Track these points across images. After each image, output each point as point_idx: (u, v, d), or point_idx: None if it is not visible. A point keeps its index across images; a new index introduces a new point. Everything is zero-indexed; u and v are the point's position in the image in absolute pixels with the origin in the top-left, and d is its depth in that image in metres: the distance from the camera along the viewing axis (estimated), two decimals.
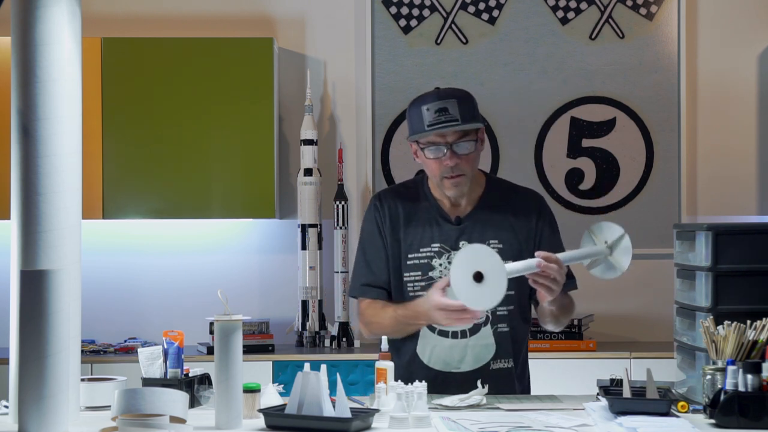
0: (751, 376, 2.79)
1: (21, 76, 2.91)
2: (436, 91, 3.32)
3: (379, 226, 3.40)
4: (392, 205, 3.41)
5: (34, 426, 2.63)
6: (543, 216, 3.42)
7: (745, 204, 5.40)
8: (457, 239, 3.35)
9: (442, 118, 3.24)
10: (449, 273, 3.10)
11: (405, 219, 3.38)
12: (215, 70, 5.14)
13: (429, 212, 3.38)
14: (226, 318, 2.84)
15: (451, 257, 3.31)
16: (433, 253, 3.35)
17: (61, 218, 2.90)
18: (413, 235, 3.36)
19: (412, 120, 3.31)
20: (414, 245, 3.36)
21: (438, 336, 3.34)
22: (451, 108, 3.25)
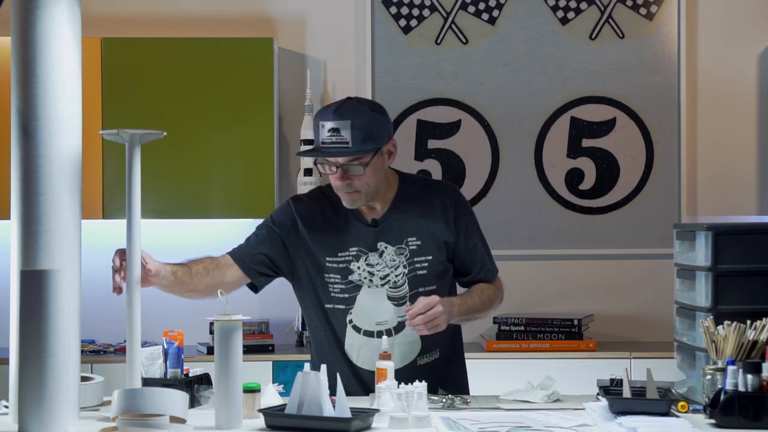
0: (751, 376, 2.79)
1: (21, 76, 2.91)
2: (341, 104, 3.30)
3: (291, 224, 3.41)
4: (308, 210, 3.43)
5: (34, 426, 2.63)
6: (459, 211, 3.45)
7: (745, 204, 5.40)
8: (374, 241, 3.38)
9: (333, 139, 3.25)
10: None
11: (321, 224, 3.40)
12: (215, 70, 5.14)
13: (345, 216, 3.40)
14: (226, 318, 2.85)
15: (369, 259, 3.36)
16: (351, 256, 3.37)
17: (61, 218, 2.90)
18: (330, 239, 3.39)
19: (315, 131, 3.32)
20: (332, 249, 3.38)
21: (364, 337, 3.38)
22: (344, 130, 3.24)
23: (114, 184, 5.07)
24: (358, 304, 3.38)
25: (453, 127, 5.39)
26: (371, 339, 3.38)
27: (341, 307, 3.40)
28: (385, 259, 3.37)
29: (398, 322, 3.37)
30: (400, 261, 3.37)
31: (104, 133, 3.02)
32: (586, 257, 5.39)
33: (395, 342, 3.37)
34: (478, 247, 3.48)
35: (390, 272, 3.36)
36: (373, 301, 3.37)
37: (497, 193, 5.38)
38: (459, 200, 3.48)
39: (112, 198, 5.08)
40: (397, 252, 3.37)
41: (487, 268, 3.50)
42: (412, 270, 3.37)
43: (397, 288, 3.37)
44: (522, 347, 5.01)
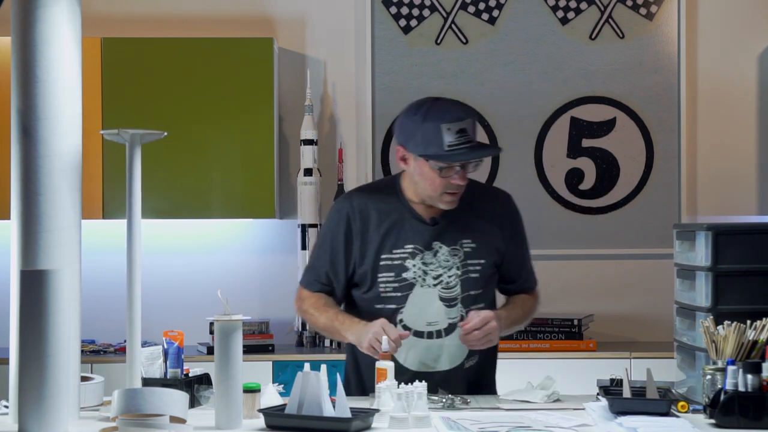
0: (751, 376, 2.79)
1: (21, 76, 2.91)
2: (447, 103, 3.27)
3: (348, 225, 3.38)
4: (363, 206, 3.38)
5: (34, 426, 2.63)
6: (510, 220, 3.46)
7: (745, 204, 5.40)
8: (431, 240, 3.35)
9: (462, 140, 3.20)
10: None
11: (377, 219, 3.36)
12: (215, 70, 5.14)
13: (402, 213, 3.36)
14: (226, 318, 2.84)
15: (425, 257, 3.33)
16: (406, 254, 3.34)
17: (61, 218, 2.90)
18: (386, 237, 3.35)
19: (426, 137, 3.22)
20: (387, 246, 3.35)
21: (413, 337, 3.35)
22: (470, 129, 3.22)
23: (114, 184, 5.07)
24: (409, 303, 3.34)
25: None
26: (420, 339, 3.35)
27: (391, 306, 3.35)
28: (439, 259, 3.34)
29: (449, 324, 3.34)
30: (453, 262, 3.34)
31: (105, 132, 3.02)
32: (586, 257, 5.40)
33: (444, 344, 3.35)
34: (526, 257, 3.50)
35: (443, 273, 3.33)
36: (425, 300, 3.34)
37: None
38: (514, 208, 3.48)
39: (112, 198, 5.08)
40: (452, 253, 3.34)
41: (531, 279, 3.53)
42: (465, 272, 3.34)
43: (450, 289, 3.34)
44: (522, 347, 5.01)
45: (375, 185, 3.52)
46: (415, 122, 3.25)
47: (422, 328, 3.35)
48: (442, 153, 3.21)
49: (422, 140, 3.23)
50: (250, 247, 5.41)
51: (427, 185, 3.29)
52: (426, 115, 3.23)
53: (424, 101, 3.30)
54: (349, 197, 3.43)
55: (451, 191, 3.28)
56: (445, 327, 3.35)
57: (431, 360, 3.36)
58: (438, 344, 3.34)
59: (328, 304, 3.41)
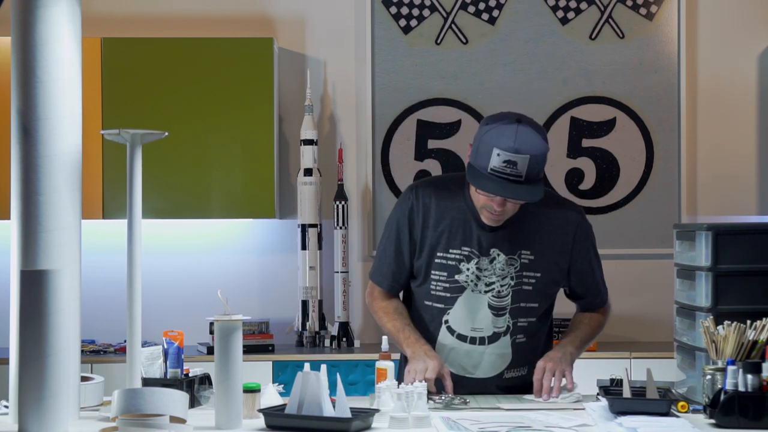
0: (751, 376, 2.79)
1: (21, 76, 2.91)
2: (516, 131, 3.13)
3: (411, 219, 3.34)
4: (427, 199, 3.33)
5: (34, 426, 2.63)
6: (580, 234, 3.37)
7: (745, 204, 5.40)
8: (489, 246, 3.28)
9: (507, 170, 3.10)
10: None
11: (437, 216, 3.31)
12: (215, 70, 5.14)
13: (464, 214, 3.30)
14: (226, 318, 2.84)
15: (480, 263, 3.28)
16: (462, 256, 3.29)
17: (61, 218, 2.90)
18: (444, 234, 3.30)
19: (480, 151, 3.15)
20: (443, 244, 3.30)
21: (456, 340, 3.32)
22: (521, 164, 3.10)
23: (114, 184, 5.07)
24: (457, 306, 3.31)
25: (453, 127, 5.39)
26: (463, 343, 3.32)
27: (439, 306, 3.33)
28: (495, 267, 3.28)
29: (493, 332, 3.31)
30: (509, 272, 3.29)
31: (105, 133, 3.01)
32: None
33: (486, 351, 3.33)
34: (594, 273, 3.43)
35: (497, 281, 3.29)
36: (474, 306, 3.30)
37: None
38: (582, 224, 3.38)
39: (112, 198, 5.08)
40: (508, 262, 3.28)
41: (600, 296, 3.48)
42: (519, 283, 3.29)
43: (501, 298, 3.30)
44: None
45: (444, 179, 3.45)
46: (483, 131, 3.19)
47: (467, 332, 3.32)
48: (478, 174, 3.15)
49: (476, 151, 3.17)
50: (250, 247, 5.41)
51: (474, 196, 3.26)
52: (491, 130, 3.16)
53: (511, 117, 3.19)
54: (416, 188, 3.37)
55: (490, 211, 3.21)
56: (489, 335, 3.32)
57: (471, 366, 3.34)
58: (480, 351, 3.32)
59: (398, 311, 3.39)
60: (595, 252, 3.44)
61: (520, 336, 3.34)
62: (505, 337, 3.32)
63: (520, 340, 3.34)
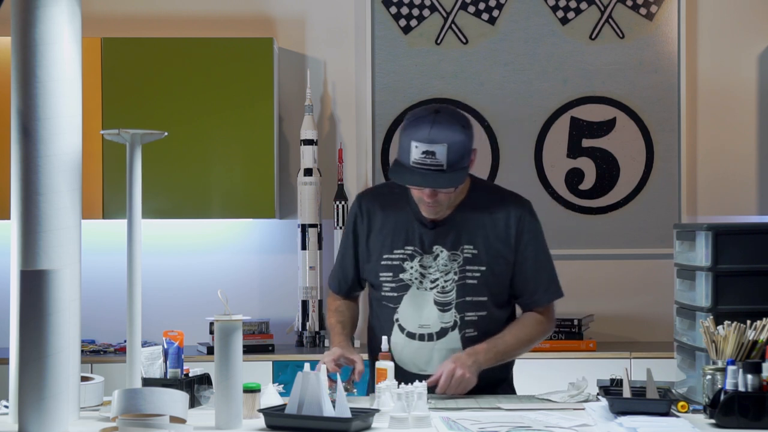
0: (751, 376, 2.79)
1: (21, 76, 2.91)
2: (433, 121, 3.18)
3: (355, 226, 3.44)
4: (371, 207, 3.43)
5: (34, 426, 2.63)
6: (524, 226, 3.38)
7: (745, 204, 5.40)
8: (431, 244, 3.34)
9: (427, 161, 3.16)
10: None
11: (382, 221, 3.40)
12: (215, 70, 5.14)
13: (407, 215, 3.37)
14: (226, 318, 2.84)
15: (423, 260, 3.34)
16: (406, 255, 3.36)
17: (61, 218, 2.90)
18: (388, 237, 3.38)
19: (402, 147, 3.23)
20: (388, 247, 3.38)
21: (406, 337, 3.37)
22: (440, 154, 3.16)
23: (114, 184, 5.07)
24: (404, 304, 3.36)
25: None
26: (413, 341, 3.36)
27: (390, 305, 3.39)
28: (438, 263, 3.33)
29: (441, 328, 3.34)
30: (452, 267, 3.33)
31: (105, 133, 3.02)
32: (586, 257, 5.39)
33: (435, 348, 3.35)
34: (538, 270, 3.40)
35: (440, 276, 3.33)
36: (420, 303, 3.35)
37: None
38: (526, 217, 3.38)
39: (112, 198, 5.08)
40: (451, 258, 3.33)
41: (537, 296, 3.42)
42: (462, 278, 3.33)
43: (445, 293, 3.33)
44: None
45: (389, 185, 3.50)
46: (403, 127, 3.27)
47: (415, 329, 3.37)
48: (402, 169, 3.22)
49: (400, 148, 3.26)
50: (250, 247, 5.41)
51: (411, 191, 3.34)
52: (408, 125, 3.23)
53: (429, 110, 3.24)
54: (360, 198, 3.49)
55: (425, 202, 3.27)
56: (437, 331, 3.35)
57: (423, 362, 3.36)
58: (429, 347, 3.35)
59: (338, 309, 3.55)
60: (539, 248, 3.40)
61: (470, 330, 3.35)
62: (453, 332, 3.35)
63: (470, 335, 3.35)
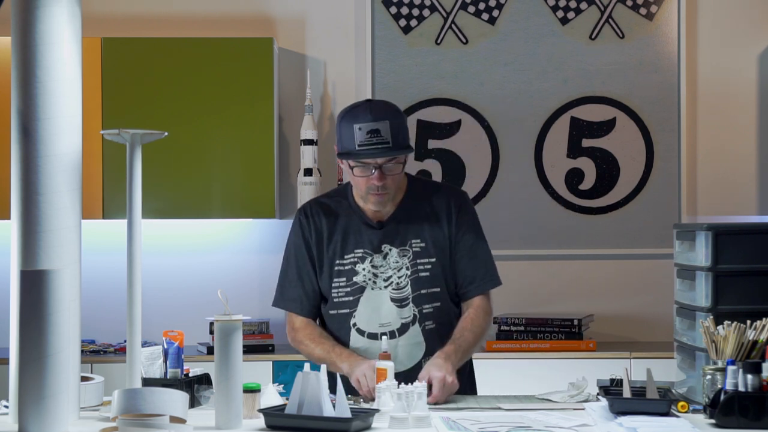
0: (751, 376, 2.79)
1: (21, 76, 2.91)
2: (369, 106, 3.32)
3: (306, 239, 3.45)
4: (316, 218, 3.45)
5: (34, 426, 2.63)
6: (461, 214, 3.43)
7: (745, 204, 5.40)
8: (379, 243, 3.39)
9: (373, 140, 3.26)
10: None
11: (329, 230, 3.43)
12: (215, 70, 5.14)
13: (352, 219, 3.42)
14: (226, 318, 2.84)
15: (374, 260, 3.37)
16: (356, 258, 3.39)
17: (61, 218, 2.90)
18: (338, 244, 3.41)
19: (343, 136, 3.31)
20: (339, 253, 3.41)
21: (368, 339, 3.39)
22: (383, 130, 3.26)
23: (114, 184, 5.07)
24: (361, 306, 3.40)
25: (453, 127, 5.39)
26: (375, 341, 3.38)
27: (345, 311, 3.41)
28: (389, 261, 3.39)
29: (401, 324, 3.38)
30: (403, 263, 3.38)
31: (105, 133, 3.02)
32: (586, 257, 5.39)
33: (399, 344, 3.38)
34: (469, 257, 3.42)
35: (393, 274, 3.38)
36: (376, 303, 3.39)
37: (497, 193, 5.38)
38: (463, 205, 3.46)
39: (112, 198, 5.08)
40: (401, 254, 3.39)
41: (475, 284, 3.43)
42: (415, 272, 3.39)
43: (400, 289, 3.38)
44: (522, 347, 5.01)
45: (327, 194, 3.57)
46: (338, 124, 3.35)
47: (375, 330, 3.40)
48: (348, 155, 3.28)
49: (340, 140, 3.33)
50: (250, 247, 5.40)
51: (355, 186, 3.39)
52: (344, 116, 3.33)
53: (355, 104, 3.37)
54: (302, 210, 3.50)
55: (374, 192, 3.32)
56: (398, 327, 3.39)
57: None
58: (393, 344, 3.37)
59: (323, 335, 3.45)
60: (473, 233, 3.43)
61: (429, 323, 3.40)
62: (414, 326, 3.39)
63: (429, 327, 3.40)
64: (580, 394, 3.17)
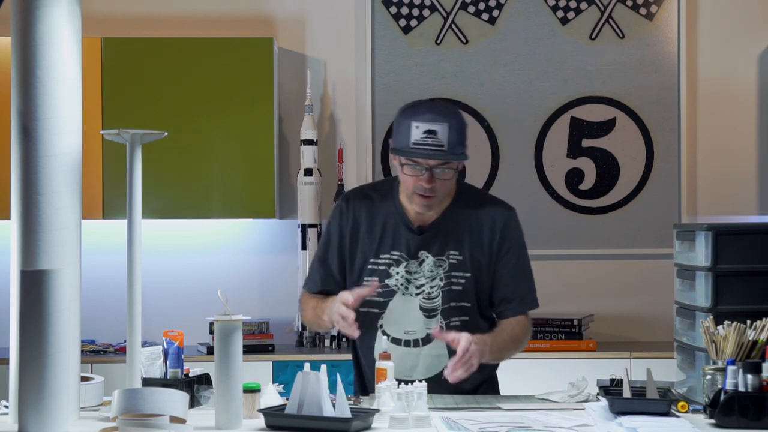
0: (751, 376, 2.79)
1: (21, 76, 2.91)
2: (431, 105, 3.23)
3: (341, 228, 3.38)
4: (357, 208, 3.37)
5: (34, 426, 2.63)
6: (506, 232, 3.34)
7: (745, 204, 5.40)
8: (417, 249, 3.31)
9: (428, 141, 3.16)
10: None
11: (367, 224, 3.35)
12: (215, 70, 5.14)
13: (394, 218, 3.34)
14: (226, 318, 2.84)
15: (409, 266, 3.31)
16: (392, 260, 3.32)
17: (61, 218, 2.90)
18: (375, 241, 3.34)
19: (400, 132, 3.22)
20: (374, 251, 3.34)
21: (391, 344, 3.33)
22: (441, 132, 3.16)
23: (114, 184, 5.07)
24: (389, 310, 3.33)
25: None
26: (398, 347, 3.32)
27: (374, 310, 3.34)
28: (424, 269, 3.30)
29: (426, 334, 3.31)
30: (437, 273, 3.30)
31: (105, 133, 3.02)
32: (586, 257, 5.40)
33: (421, 354, 3.33)
34: (516, 278, 3.34)
35: (426, 283, 3.30)
36: (405, 309, 3.32)
37: (497, 193, 5.35)
38: (509, 224, 3.35)
39: (112, 198, 5.08)
40: (437, 263, 3.30)
41: (513, 304, 3.35)
42: (448, 284, 3.30)
43: (431, 300, 3.30)
44: None
45: (374, 186, 3.49)
46: (397, 119, 3.27)
47: (400, 335, 3.34)
48: (401, 152, 3.21)
49: (396, 135, 3.25)
50: (250, 247, 5.41)
51: (403, 184, 3.29)
52: (404, 111, 3.25)
53: (417, 101, 3.30)
54: (346, 198, 3.43)
55: (420, 193, 3.23)
56: (422, 337, 3.33)
57: (407, 369, 3.32)
58: (415, 353, 3.33)
59: (315, 298, 3.40)
60: (517, 255, 3.36)
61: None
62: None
63: None
64: (580, 394, 3.17)
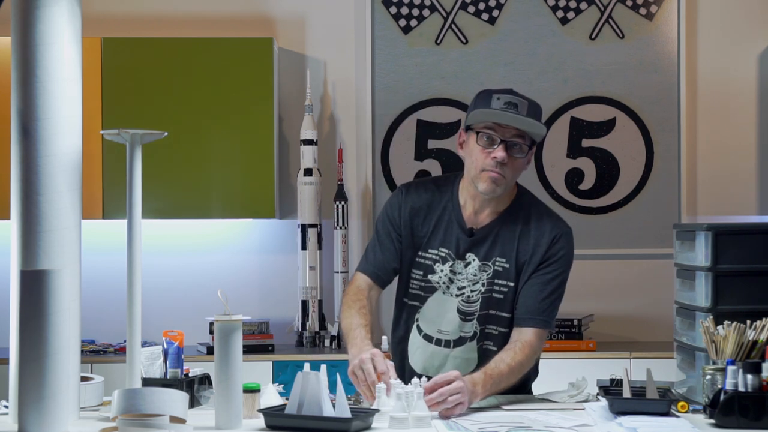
0: (751, 376, 2.79)
1: (21, 76, 2.90)
2: (510, 89, 3.27)
3: (398, 215, 3.33)
4: (416, 199, 3.33)
5: (34, 426, 2.63)
6: (555, 249, 3.25)
7: (745, 204, 5.40)
8: (465, 250, 3.27)
9: (509, 110, 3.16)
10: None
11: (424, 215, 3.31)
12: (215, 70, 5.14)
13: (449, 214, 3.30)
14: (226, 318, 2.84)
15: (455, 266, 3.27)
16: (438, 257, 3.29)
17: (61, 218, 2.90)
18: (426, 234, 3.30)
19: (477, 104, 3.22)
20: (424, 244, 3.30)
21: (423, 339, 3.32)
22: (521, 106, 3.18)
23: (114, 184, 5.07)
24: (427, 306, 3.31)
25: (453, 127, 5.39)
26: (429, 344, 3.31)
27: (414, 303, 3.33)
28: (468, 272, 3.26)
29: (459, 337, 3.28)
30: (480, 278, 3.26)
31: (105, 133, 3.01)
32: (586, 257, 5.39)
33: (451, 354, 3.30)
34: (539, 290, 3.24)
35: (468, 285, 3.26)
36: (443, 308, 3.29)
37: None
38: (561, 244, 3.25)
39: (112, 198, 5.08)
40: (482, 268, 3.25)
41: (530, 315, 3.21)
42: (489, 290, 3.25)
43: (470, 303, 3.26)
44: None
45: (435, 179, 3.43)
46: (474, 100, 3.27)
47: (433, 333, 3.31)
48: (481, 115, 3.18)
49: (473, 110, 3.22)
50: (250, 247, 5.41)
51: (472, 162, 3.23)
52: (481, 92, 3.27)
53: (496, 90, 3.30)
54: (407, 187, 3.38)
55: (490, 168, 3.17)
56: (455, 339, 3.29)
57: (434, 367, 3.31)
58: (444, 353, 3.30)
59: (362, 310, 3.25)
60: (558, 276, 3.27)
61: (489, 343, 3.28)
62: (471, 342, 3.29)
63: (488, 347, 3.28)
64: (580, 394, 3.17)
